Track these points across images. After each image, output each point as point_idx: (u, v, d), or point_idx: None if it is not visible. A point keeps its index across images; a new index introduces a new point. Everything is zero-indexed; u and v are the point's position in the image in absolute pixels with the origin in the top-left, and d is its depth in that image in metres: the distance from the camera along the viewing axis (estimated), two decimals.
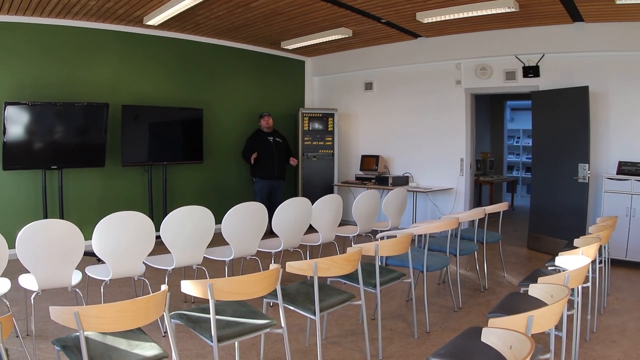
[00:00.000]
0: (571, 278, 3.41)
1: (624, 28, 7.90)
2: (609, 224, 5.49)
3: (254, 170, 9.87)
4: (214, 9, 8.12)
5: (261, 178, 9.83)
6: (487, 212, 6.68)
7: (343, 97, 11.81)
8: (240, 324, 3.52)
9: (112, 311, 2.76)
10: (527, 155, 15.99)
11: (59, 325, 2.80)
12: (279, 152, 9.99)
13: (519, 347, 2.26)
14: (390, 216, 7.35)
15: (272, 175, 9.88)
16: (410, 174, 10.55)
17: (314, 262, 3.76)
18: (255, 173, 9.88)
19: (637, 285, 6.94)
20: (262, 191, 9.78)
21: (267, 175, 9.83)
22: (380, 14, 8.35)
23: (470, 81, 9.78)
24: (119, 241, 4.64)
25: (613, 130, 8.20)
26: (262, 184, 9.82)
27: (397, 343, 4.90)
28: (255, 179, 9.90)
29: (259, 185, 9.84)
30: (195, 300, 5.81)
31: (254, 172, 9.92)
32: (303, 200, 6.33)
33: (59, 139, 7.96)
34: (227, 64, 10.65)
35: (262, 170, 9.79)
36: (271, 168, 9.84)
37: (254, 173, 9.93)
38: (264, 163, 9.75)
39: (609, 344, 4.87)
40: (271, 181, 9.87)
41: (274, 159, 9.88)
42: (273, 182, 9.91)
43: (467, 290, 6.62)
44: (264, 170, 9.80)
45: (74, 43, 8.46)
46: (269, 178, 9.84)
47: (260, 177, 9.84)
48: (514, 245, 9.31)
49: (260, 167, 9.76)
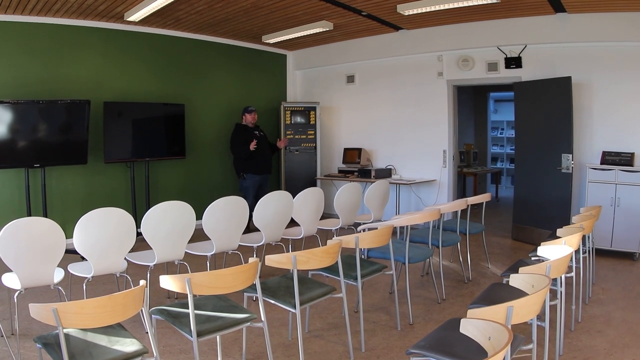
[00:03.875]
0: (553, 268, 3.43)
1: (606, 18, 7.93)
2: (593, 214, 5.52)
3: (244, 166, 9.60)
4: (194, 4, 8.08)
5: (253, 174, 9.61)
6: (469, 203, 6.70)
7: (325, 91, 11.80)
8: (220, 318, 3.51)
9: (91, 307, 2.74)
10: (511, 147, 16.04)
11: (43, 323, 2.79)
12: (266, 146, 9.89)
13: (497, 338, 2.26)
14: (373, 209, 7.35)
15: (264, 169, 9.77)
16: (393, 166, 10.57)
17: (293, 255, 3.75)
18: (247, 169, 9.60)
19: (623, 275, 6.99)
20: (254, 187, 9.63)
21: (259, 170, 9.67)
22: (361, 7, 8.33)
23: (452, 73, 9.80)
24: (99, 238, 4.61)
25: (597, 120, 8.24)
26: (253, 180, 9.61)
27: (380, 335, 4.90)
28: (247, 175, 9.60)
29: (251, 180, 9.61)
30: (178, 295, 5.80)
31: (244, 168, 9.62)
32: (284, 193, 6.32)
33: (41, 137, 7.88)
34: (209, 59, 10.61)
35: (254, 165, 9.59)
36: (263, 162, 9.73)
37: (244, 169, 9.62)
38: (256, 158, 9.55)
39: (595, 333, 4.90)
40: (262, 176, 9.75)
41: (265, 153, 9.78)
42: (264, 177, 9.81)
43: (450, 281, 6.64)
44: (257, 165, 9.62)
45: (55, 40, 8.39)
46: (261, 173, 9.70)
47: (253, 173, 9.60)
48: (499, 236, 9.35)
49: (252, 162, 9.55)
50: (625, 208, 7.61)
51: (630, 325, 5.12)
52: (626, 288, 6.36)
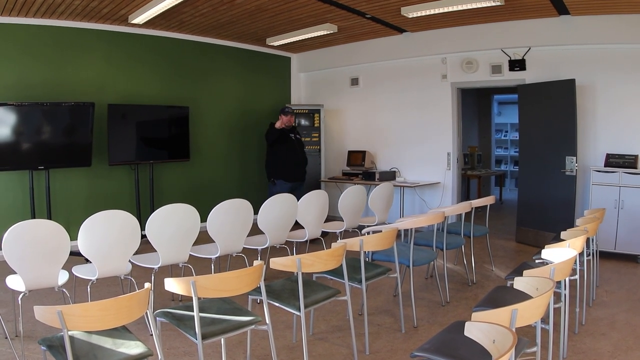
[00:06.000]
0: (557, 271, 3.43)
1: (610, 21, 7.93)
2: (597, 216, 5.50)
3: (276, 172, 8.80)
4: (198, 7, 8.09)
5: (285, 180, 8.70)
6: (473, 205, 6.69)
7: (329, 93, 11.80)
8: (225, 321, 3.50)
9: (95, 310, 2.74)
10: (515, 149, 16.01)
11: (47, 325, 2.79)
12: (301, 151, 9.08)
13: (502, 341, 2.25)
14: (377, 211, 7.35)
15: (296, 176, 8.90)
16: (397, 169, 10.55)
17: (297, 258, 3.75)
18: (278, 174, 8.77)
19: (627, 277, 6.98)
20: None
21: (291, 177, 8.80)
22: (365, 9, 8.33)
23: (456, 75, 9.79)
24: (104, 240, 4.61)
25: (600, 122, 8.24)
26: (283, 187, 8.48)
27: (384, 338, 4.90)
28: (277, 181, 8.72)
29: (281, 187, 8.48)
30: (182, 298, 5.80)
31: (275, 174, 8.81)
32: (288, 196, 6.31)
33: (45, 139, 7.91)
34: (213, 62, 10.62)
35: (286, 171, 8.77)
36: (296, 168, 8.89)
37: (275, 174, 8.80)
38: (288, 163, 8.77)
39: (598, 336, 4.89)
40: (294, 183, 8.78)
41: (299, 158, 8.96)
42: (296, 185, 8.80)
43: (455, 284, 6.64)
44: (289, 171, 8.80)
45: (59, 43, 8.41)
46: (292, 180, 8.78)
47: (284, 179, 8.70)
48: (502, 239, 9.33)
49: (284, 167, 8.76)
50: (629, 210, 7.60)
51: (634, 327, 5.11)
52: (630, 291, 6.35)
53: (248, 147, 11.31)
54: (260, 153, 11.24)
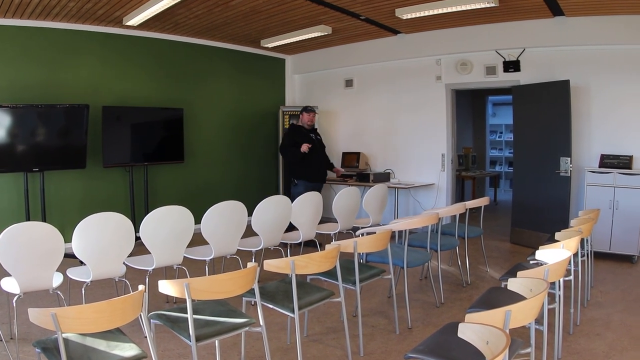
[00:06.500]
0: (551, 272, 3.44)
1: (605, 21, 7.95)
2: (591, 217, 5.53)
3: (298, 172, 8.66)
4: (193, 8, 8.09)
5: (308, 181, 8.51)
6: (467, 207, 6.71)
7: (323, 95, 11.81)
8: (219, 323, 3.50)
9: (89, 312, 2.76)
10: (509, 150, 16.03)
11: (42, 328, 2.80)
12: (322, 151, 9.00)
13: (495, 342, 2.26)
14: (371, 213, 7.36)
15: (318, 177, 8.81)
16: (391, 170, 10.56)
17: (291, 259, 3.76)
18: (300, 175, 8.62)
19: (621, 277, 7.01)
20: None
21: (314, 177, 8.67)
22: (360, 11, 8.35)
23: (451, 77, 9.81)
24: (98, 242, 4.61)
25: (595, 123, 8.27)
26: (307, 187, 8.17)
27: (379, 339, 4.90)
28: (299, 181, 8.57)
29: (303, 188, 8.17)
30: (177, 300, 5.79)
31: (297, 174, 8.68)
32: (282, 198, 6.32)
33: (40, 141, 7.90)
34: (207, 63, 10.62)
35: (308, 171, 8.61)
36: (318, 169, 8.80)
37: (297, 175, 8.67)
38: (310, 163, 8.57)
39: (593, 336, 4.91)
40: (315, 184, 8.51)
41: (320, 159, 8.85)
42: (317, 185, 8.52)
43: (449, 285, 6.65)
44: (311, 171, 8.65)
45: (54, 45, 8.41)
46: (315, 180, 8.62)
47: (307, 180, 8.52)
48: (497, 240, 9.35)
49: (306, 168, 8.58)
50: (624, 211, 7.62)
51: (629, 328, 5.13)
52: (625, 291, 6.37)
53: (242, 148, 11.30)
54: (255, 154, 11.29)
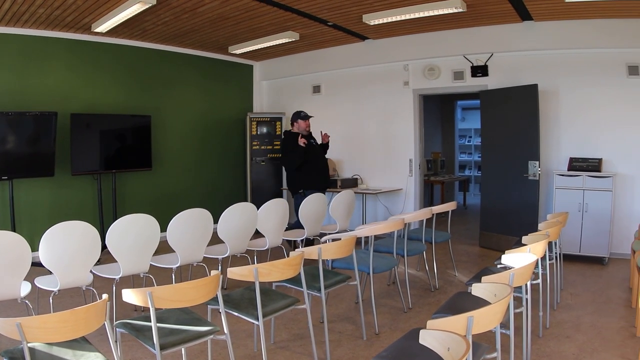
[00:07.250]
0: (517, 276, 3.44)
1: (573, 26, 8.08)
2: (559, 220, 5.58)
3: (301, 182, 8.11)
4: (160, 15, 8.05)
5: (313, 190, 7.73)
6: (434, 212, 6.74)
7: (291, 101, 11.74)
8: (183, 331, 3.49)
9: (53, 321, 2.76)
10: (479, 154, 16.15)
11: (11, 337, 2.78)
12: (323, 159, 8.47)
13: (456, 349, 2.26)
14: (338, 219, 7.36)
15: (322, 185, 8.29)
16: (359, 176, 10.58)
17: (254, 267, 3.74)
18: (304, 184, 8.05)
19: (592, 279, 7.08)
20: None
21: (318, 185, 8.11)
22: (327, 17, 8.36)
23: (418, 82, 9.87)
24: (64, 251, 4.58)
25: (563, 127, 8.39)
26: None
27: (346, 345, 4.89)
28: (307, 192, 7.66)
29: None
30: (145, 309, 5.75)
31: (300, 184, 8.11)
32: (248, 205, 6.29)
33: (9, 149, 7.80)
34: (175, 70, 10.56)
35: (310, 181, 8.07)
36: (321, 176, 8.31)
37: (300, 185, 8.10)
38: (313, 171, 8.14)
39: (563, 339, 4.95)
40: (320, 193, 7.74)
41: (323, 167, 8.40)
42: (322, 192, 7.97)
43: (417, 290, 6.67)
44: (315, 180, 8.15)
45: (23, 51, 8.33)
46: (319, 189, 7.93)
47: (313, 189, 7.77)
48: (466, 244, 9.42)
49: (309, 176, 8.09)
50: (593, 213, 7.74)
51: (599, 329, 5.18)
52: (595, 293, 6.44)
53: (211, 155, 11.25)
54: (223, 161, 11.25)
